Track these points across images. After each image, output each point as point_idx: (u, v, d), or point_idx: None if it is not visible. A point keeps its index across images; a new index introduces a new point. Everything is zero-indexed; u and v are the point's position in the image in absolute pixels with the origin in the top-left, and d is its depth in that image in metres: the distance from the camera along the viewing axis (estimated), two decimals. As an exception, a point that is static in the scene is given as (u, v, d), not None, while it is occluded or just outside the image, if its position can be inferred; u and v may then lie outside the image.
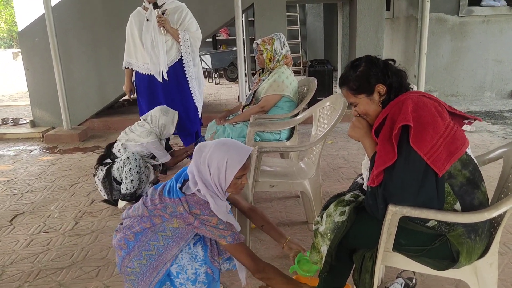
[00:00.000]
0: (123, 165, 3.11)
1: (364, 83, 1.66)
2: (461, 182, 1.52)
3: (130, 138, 3.28)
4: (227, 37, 11.38)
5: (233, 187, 1.79)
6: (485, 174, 3.57)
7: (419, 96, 1.59)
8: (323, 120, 2.81)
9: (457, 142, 1.51)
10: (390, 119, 1.56)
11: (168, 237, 1.83)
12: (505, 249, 2.52)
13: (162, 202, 1.82)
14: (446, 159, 1.47)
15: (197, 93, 3.85)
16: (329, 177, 3.80)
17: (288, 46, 3.37)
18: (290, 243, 2.01)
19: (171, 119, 3.38)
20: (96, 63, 5.70)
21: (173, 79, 3.72)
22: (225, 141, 1.82)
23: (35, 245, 2.76)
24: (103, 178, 3.20)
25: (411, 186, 1.48)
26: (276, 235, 2.05)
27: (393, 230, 1.55)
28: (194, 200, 1.79)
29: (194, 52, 3.76)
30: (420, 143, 1.46)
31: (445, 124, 1.52)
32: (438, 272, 1.61)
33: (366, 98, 1.67)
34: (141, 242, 1.85)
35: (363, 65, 1.67)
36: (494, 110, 6.30)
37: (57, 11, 5.37)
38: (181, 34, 3.61)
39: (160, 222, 1.83)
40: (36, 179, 3.99)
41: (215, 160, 1.74)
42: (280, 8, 5.66)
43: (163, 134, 3.38)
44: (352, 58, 5.95)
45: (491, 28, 6.95)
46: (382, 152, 1.52)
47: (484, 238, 1.56)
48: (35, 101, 5.82)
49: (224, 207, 1.81)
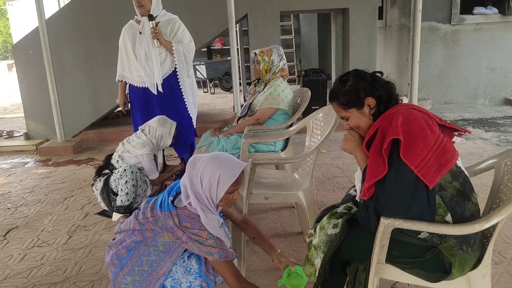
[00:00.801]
0: (120, 177, 3.10)
1: (354, 98, 1.67)
2: (451, 194, 1.53)
3: (125, 149, 3.27)
4: (222, 46, 11.42)
5: (224, 201, 1.79)
6: (479, 182, 3.60)
7: (409, 109, 1.61)
8: (317, 131, 2.81)
9: (447, 154, 1.52)
10: (380, 132, 1.57)
11: (160, 251, 1.82)
12: (500, 258, 2.52)
13: (153, 216, 1.82)
14: (436, 172, 1.48)
15: (191, 105, 3.85)
16: (324, 186, 3.80)
17: (285, 60, 3.39)
18: (279, 256, 1.99)
19: (169, 130, 3.36)
20: (90, 75, 5.71)
21: (168, 91, 3.71)
22: (218, 155, 1.82)
23: (29, 260, 2.73)
24: (101, 189, 3.19)
25: (403, 199, 1.48)
26: (266, 247, 2.04)
27: (385, 242, 1.55)
28: (185, 213, 1.78)
29: (188, 63, 3.77)
30: (411, 156, 1.47)
31: (434, 137, 1.53)
32: (432, 284, 1.61)
33: (357, 111, 1.69)
34: (134, 257, 1.84)
35: (351, 79, 1.69)
36: (487, 117, 6.34)
37: (51, 24, 5.38)
38: (175, 46, 3.61)
39: (151, 235, 1.83)
40: (30, 193, 3.97)
41: (208, 174, 1.73)
42: (273, 17, 5.70)
43: (160, 145, 3.36)
44: (345, 67, 5.99)
45: (483, 36, 7.01)
46: (373, 165, 1.53)
47: (476, 249, 1.56)
48: (29, 113, 5.82)
49: (215, 221, 1.80)
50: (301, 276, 1.91)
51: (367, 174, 1.55)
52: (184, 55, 3.69)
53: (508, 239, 2.73)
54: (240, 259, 2.41)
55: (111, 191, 3.18)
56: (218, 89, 10.57)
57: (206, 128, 3.69)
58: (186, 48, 3.69)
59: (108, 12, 5.53)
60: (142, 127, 3.39)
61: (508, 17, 6.89)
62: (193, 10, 5.51)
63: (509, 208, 1.41)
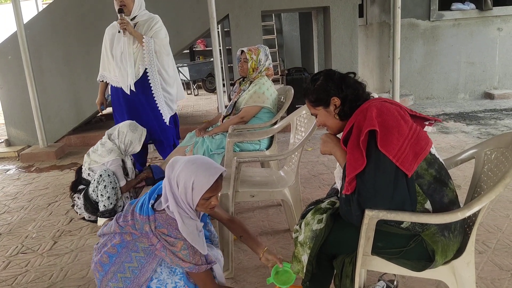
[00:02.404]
0: (97, 184, 3.04)
1: (321, 96, 1.74)
2: (428, 181, 1.56)
3: (92, 159, 3.16)
4: (204, 48, 11.39)
5: (201, 207, 1.76)
6: (461, 174, 3.65)
7: (381, 102, 1.65)
8: (301, 128, 2.83)
9: (421, 142, 1.56)
10: (356, 127, 1.60)
11: (141, 257, 1.80)
12: (484, 247, 2.57)
13: (133, 219, 1.79)
14: (413, 160, 1.52)
15: (163, 104, 3.71)
16: (310, 183, 3.82)
17: (271, 59, 3.41)
18: (267, 254, 1.99)
19: (139, 136, 3.25)
20: (71, 79, 5.64)
21: (140, 91, 3.63)
22: (196, 159, 1.77)
23: (13, 267, 2.69)
24: (84, 205, 3.13)
25: (385, 189, 1.51)
26: (253, 245, 2.03)
27: (371, 234, 1.56)
28: (163, 217, 1.76)
29: (164, 59, 3.64)
30: (388, 146, 1.50)
31: (408, 126, 1.57)
32: (419, 273, 1.63)
33: (324, 110, 1.76)
34: (116, 264, 1.82)
35: (321, 79, 1.76)
36: (468, 111, 6.45)
37: (30, 28, 5.30)
38: (145, 39, 3.50)
39: (130, 239, 1.80)
40: (13, 199, 3.91)
41: (183, 179, 1.70)
42: (255, 17, 5.71)
43: (128, 151, 3.25)
44: (328, 65, 6.04)
45: (462, 31, 7.14)
46: (352, 159, 1.56)
47: (457, 235, 1.59)
48: (10, 119, 5.72)
49: (193, 227, 1.76)
50: (289, 272, 1.92)
51: (347, 169, 1.57)
52: (156, 52, 3.58)
53: (492, 229, 2.78)
54: (228, 258, 2.41)
55: (94, 202, 3.12)
56: (202, 91, 10.54)
57: (191, 129, 3.66)
58: (159, 44, 3.57)
59: (88, 15, 5.47)
60: (109, 131, 3.26)
61: (485, 12, 7.02)
62: (174, 11, 5.48)
63: (490, 196, 1.44)
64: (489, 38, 7.18)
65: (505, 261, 2.41)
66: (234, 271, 2.45)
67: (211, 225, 2.09)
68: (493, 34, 7.18)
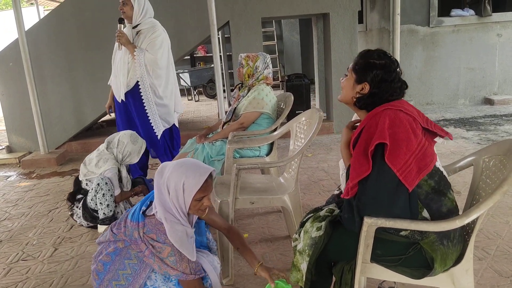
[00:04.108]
0: (95, 193, 3.05)
1: (361, 71, 1.69)
2: (426, 191, 1.57)
3: (89, 170, 3.16)
4: (205, 54, 11.44)
5: (194, 209, 1.76)
6: (461, 180, 3.65)
7: (396, 111, 1.60)
8: (300, 135, 2.84)
9: (426, 159, 1.55)
10: (366, 132, 1.59)
11: (135, 264, 1.81)
12: (484, 254, 2.57)
13: (125, 226, 1.80)
14: (415, 175, 1.52)
15: (156, 118, 3.66)
16: (310, 190, 3.82)
17: (271, 68, 3.40)
18: (260, 270, 1.91)
19: (138, 148, 3.24)
20: (72, 86, 5.66)
21: (132, 102, 3.62)
22: (184, 162, 1.78)
23: (14, 274, 2.69)
24: (83, 214, 3.14)
25: (384, 199, 1.52)
26: (249, 259, 1.98)
27: (370, 242, 1.57)
28: (152, 222, 1.76)
29: (157, 72, 3.56)
30: (394, 160, 1.50)
31: (417, 141, 1.55)
32: (417, 281, 1.64)
33: (353, 81, 1.71)
34: (110, 272, 1.83)
35: (377, 62, 1.67)
36: (468, 116, 6.46)
37: (31, 35, 5.33)
38: (137, 52, 3.48)
39: (123, 246, 1.81)
40: (14, 206, 3.92)
41: (173, 182, 1.70)
42: (255, 24, 5.73)
43: (125, 161, 3.24)
44: (328, 71, 6.06)
45: (461, 37, 7.17)
46: (356, 164, 1.56)
47: (457, 244, 1.60)
48: (11, 126, 5.74)
49: (182, 232, 1.75)
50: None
51: (350, 173, 1.58)
52: (147, 65, 3.51)
53: (491, 236, 2.78)
54: (228, 264, 2.42)
55: (93, 211, 3.13)
56: (203, 97, 10.58)
57: (191, 135, 3.67)
58: (149, 58, 3.49)
59: (89, 21, 5.50)
60: (109, 139, 3.25)
61: (485, 18, 7.05)
62: (175, 17, 5.51)
63: (488, 203, 1.44)
64: (489, 44, 7.20)
65: (505, 267, 2.41)
66: (234, 278, 2.45)
67: (209, 233, 2.09)
68: (493, 40, 7.20)
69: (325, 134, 5.86)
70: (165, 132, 3.77)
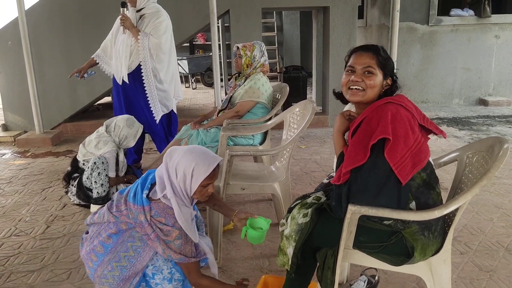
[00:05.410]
0: (91, 171, 3.10)
1: (390, 65, 1.74)
2: (418, 184, 1.63)
3: (88, 151, 3.21)
4: (204, 42, 11.43)
5: (198, 194, 1.82)
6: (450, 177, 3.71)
7: (397, 106, 1.64)
8: (293, 125, 2.89)
9: (421, 154, 1.61)
10: (366, 123, 1.63)
11: (138, 246, 1.84)
12: (466, 248, 2.64)
13: (127, 208, 1.84)
14: (410, 170, 1.57)
15: (155, 102, 3.70)
16: (301, 180, 3.88)
17: (266, 56, 3.45)
18: (238, 213, 2.02)
19: (134, 132, 3.30)
20: (70, 67, 5.61)
21: (133, 84, 3.65)
22: (195, 148, 1.84)
23: (6, 248, 2.74)
24: (77, 193, 3.19)
25: (373, 189, 1.57)
26: (225, 210, 2.08)
27: (353, 229, 1.63)
28: (160, 206, 1.80)
29: (160, 57, 3.61)
30: (392, 154, 1.55)
31: (414, 137, 1.61)
32: (397, 268, 1.70)
33: (381, 76, 1.71)
34: (111, 253, 1.85)
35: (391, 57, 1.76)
36: (461, 116, 6.53)
37: (31, 15, 5.33)
38: (141, 35, 3.51)
39: (126, 228, 1.85)
40: (8, 183, 3.95)
41: (182, 167, 1.76)
42: (255, 14, 5.75)
43: (122, 144, 3.30)
44: (326, 65, 6.09)
45: (459, 37, 7.21)
46: (353, 152, 1.60)
47: (437, 236, 1.66)
48: (8, 105, 5.75)
49: (188, 214, 1.83)
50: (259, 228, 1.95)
51: (345, 160, 1.62)
52: (150, 49, 3.56)
53: (475, 231, 2.85)
54: (217, 248, 2.47)
55: (88, 189, 3.18)
56: (200, 85, 10.58)
57: (186, 122, 3.71)
58: (154, 42, 3.54)
59: (88, 5, 5.50)
60: (107, 122, 3.31)
61: (484, 19, 7.10)
62: (175, 4, 5.51)
63: (466, 196, 1.50)
64: (486, 45, 7.26)
65: (485, 262, 2.48)
66: (222, 261, 2.51)
67: (197, 210, 2.14)
68: (491, 41, 7.26)
69: (319, 127, 5.92)
70: (162, 118, 3.81)
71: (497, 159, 1.54)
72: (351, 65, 1.74)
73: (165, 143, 3.87)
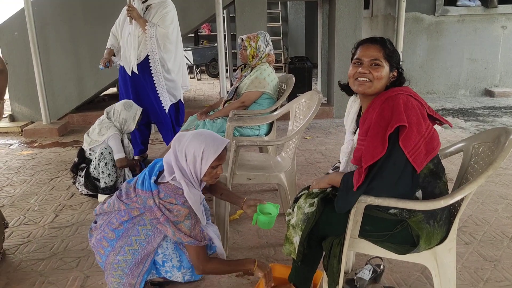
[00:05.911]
0: (99, 161, 3.14)
1: (396, 57, 1.73)
2: (425, 174, 1.64)
3: (92, 139, 3.26)
4: (209, 33, 11.39)
5: (208, 176, 1.87)
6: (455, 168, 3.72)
7: (407, 95, 1.66)
8: (299, 116, 2.90)
9: (433, 142, 1.62)
10: (379, 114, 1.62)
11: (148, 230, 1.89)
12: (470, 238, 2.66)
13: (136, 195, 1.88)
14: (424, 157, 1.59)
15: (164, 91, 3.73)
16: (306, 171, 3.90)
17: (271, 45, 3.45)
18: (247, 201, 2.11)
19: (133, 115, 3.34)
20: (76, 58, 5.69)
21: (142, 75, 3.67)
22: (202, 132, 1.90)
23: (16, 237, 2.79)
24: (84, 183, 3.23)
25: (392, 179, 1.58)
26: (234, 199, 2.16)
27: (359, 218, 1.65)
28: (169, 188, 1.85)
29: (167, 47, 3.63)
30: (406, 142, 1.56)
31: (426, 125, 1.62)
32: (402, 257, 1.72)
33: (387, 68, 1.71)
34: (123, 238, 1.90)
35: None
36: (467, 107, 6.51)
37: (37, 5, 5.34)
38: (148, 26, 3.52)
39: (137, 214, 1.89)
40: (16, 173, 4.00)
41: (192, 149, 1.81)
42: (260, 5, 5.73)
43: (124, 129, 3.35)
44: (331, 55, 6.07)
45: (466, 28, 7.15)
46: (370, 147, 1.59)
47: (442, 225, 1.67)
48: (14, 95, 5.79)
49: (197, 196, 1.88)
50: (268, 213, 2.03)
51: (364, 156, 1.60)
52: (158, 40, 3.57)
53: (480, 222, 2.87)
54: (223, 237, 2.50)
55: (95, 179, 3.22)
56: (205, 75, 10.57)
57: (192, 113, 3.72)
58: (161, 32, 3.55)
59: (95, -5, 5.51)
60: (108, 109, 3.37)
61: (491, 9, 7.03)
62: (181, -6, 5.50)
63: (472, 186, 1.52)
64: (493, 35, 7.20)
65: (490, 252, 2.50)
66: (228, 251, 2.54)
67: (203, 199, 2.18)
68: (497, 32, 7.20)
69: (325, 118, 5.92)
70: (170, 108, 3.85)
71: (503, 150, 1.55)
72: (358, 57, 1.74)
73: (172, 134, 3.89)
